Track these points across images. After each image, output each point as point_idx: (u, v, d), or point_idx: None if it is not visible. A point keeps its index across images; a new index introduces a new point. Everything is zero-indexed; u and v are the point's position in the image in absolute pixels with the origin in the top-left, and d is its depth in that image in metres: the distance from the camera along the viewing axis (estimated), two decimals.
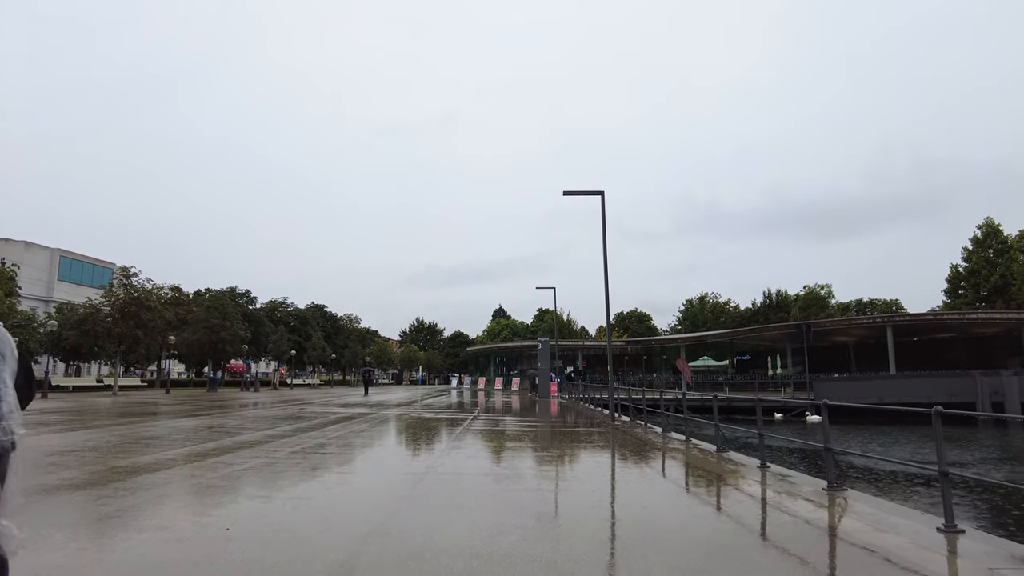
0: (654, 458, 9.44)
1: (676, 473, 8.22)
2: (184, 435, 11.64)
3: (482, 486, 6.69)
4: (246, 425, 14.29)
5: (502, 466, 8.47)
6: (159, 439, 10.95)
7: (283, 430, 12.99)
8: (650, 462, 9.01)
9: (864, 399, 28.14)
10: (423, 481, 6.82)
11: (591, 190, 17.07)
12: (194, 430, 12.73)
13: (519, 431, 14.05)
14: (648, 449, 10.52)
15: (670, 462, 9.03)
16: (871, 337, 39.01)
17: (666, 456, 9.64)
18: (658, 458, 9.45)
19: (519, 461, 8.98)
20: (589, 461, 9.25)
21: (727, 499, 6.36)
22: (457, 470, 7.83)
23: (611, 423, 16.03)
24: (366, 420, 16.19)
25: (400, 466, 8.39)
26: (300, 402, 26.84)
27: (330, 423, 15.22)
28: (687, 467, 8.61)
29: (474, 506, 5.58)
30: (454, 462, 8.48)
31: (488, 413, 20.27)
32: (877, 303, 66.50)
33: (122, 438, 10.97)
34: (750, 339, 43.93)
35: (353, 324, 77.71)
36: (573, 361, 53.98)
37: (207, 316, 39.92)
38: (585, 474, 7.95)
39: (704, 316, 64.95)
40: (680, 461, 9.08)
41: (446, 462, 8.44)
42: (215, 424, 14.43)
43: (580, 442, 11.80)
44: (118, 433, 11.91)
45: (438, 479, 7.00)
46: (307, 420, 16.14)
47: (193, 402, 25.47)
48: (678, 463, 8.92)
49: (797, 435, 26.14)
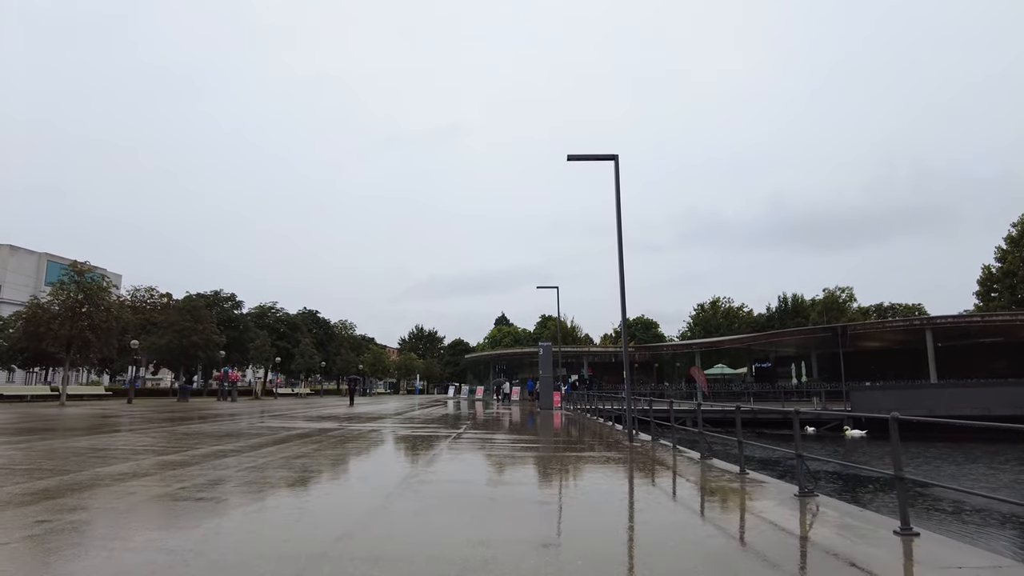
0: (718, 510, 6.11)
1: (773, 544, 4.85)
2: (34, 463, 8.37)
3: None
4: (156, 446, 11.01)
5: (471, 535, 5.14)
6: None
7: (196, 454, 9.72)
8: (721, 522, 5.67)
9: (909, 411, 24.52)
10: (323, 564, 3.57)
11: (602, 154, 13.84)
12: (65, 455, 9.45)
13: (509, 457, 10.71)
14: (702, 492, 7.19)
15: (759, 529, 5.69)
16: (906, 342, 35.53)
17: (745, 511, 6.29)
18: (729, 512, 6.12)
19: (500, 523, 5.66)
20: (614, 523, 5.91)
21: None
22: (391, 535, 4.57)
23: (628, 444, 12.68)
24: (321, 439, 12.89)
25: (305, 528, 5.05)
26: (267, 413, 23.57)
27: (273, 443, 11.95)
28: (805, 545, 5.26)
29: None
30: (391, 525, 5.18)
31: (477, 430, 16.95)
32: (899, 307, 62.87)
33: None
34: (771, 345, 40.48)
35: (348, 331, 74.46)
36: (578, 369, 50.52)
37: (177, 319, 36.69)
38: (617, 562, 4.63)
39: (717, 321, 61.36)
40: (777, 526, 5.73)
41: (378, 525, 5.14)
42: (107, 447, 11.13)
43: (594, 479, 8.46)
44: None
45: (354, 566, 3.72)
46: (247, 438, 12.87)
47: (138, 415, 22.22)
48: (770, 529, 5.58)
49: (842, 453, 22.78)
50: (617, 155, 13.79)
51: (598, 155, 13.88)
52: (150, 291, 41.95)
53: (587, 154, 13.85)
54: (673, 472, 8.66)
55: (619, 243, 13.28)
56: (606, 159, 13.86)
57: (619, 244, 13.29)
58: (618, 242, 13.31)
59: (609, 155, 13.81)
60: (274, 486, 6.95)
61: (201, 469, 8.10)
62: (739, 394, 37.47)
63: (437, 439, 13.35)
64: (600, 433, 15.59)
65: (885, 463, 19.80)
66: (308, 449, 10.87)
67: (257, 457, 9.57)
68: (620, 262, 13.21)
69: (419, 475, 7.91)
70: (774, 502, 6.23)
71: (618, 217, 13.47)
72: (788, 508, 5.98)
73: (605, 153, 13.85)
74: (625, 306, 13.33)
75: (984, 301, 48.15)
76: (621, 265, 13.18)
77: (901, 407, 24.12)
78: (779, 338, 37.55)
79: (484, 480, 7.48)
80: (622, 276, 13.21)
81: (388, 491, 6.63)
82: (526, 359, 52.11)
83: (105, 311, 27.86)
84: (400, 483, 7.16)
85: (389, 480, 7.44)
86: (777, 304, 61.93)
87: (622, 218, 13.46)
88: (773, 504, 6.14)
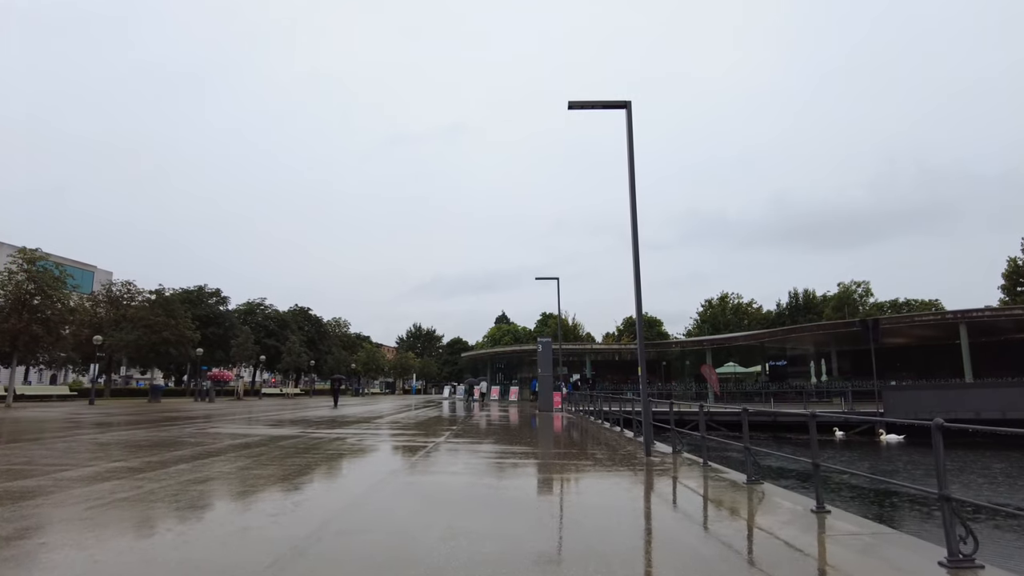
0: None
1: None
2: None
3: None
4: (36, 462, 8.49)
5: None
6: None
7: (70, 476, 7.19)
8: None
9: (953, 413, 22.07)
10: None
11: (612, 101, 11.28)
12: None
13: (489, 482, 8.16)
14: (781, 547, 4.63)
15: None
16: (936, 337, 32.88)
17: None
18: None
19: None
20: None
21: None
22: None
23: (644, 457, 10.14)
24: (262, 453, 10.37)
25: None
26: (232, 417, 21.06)
27: (197, 456, 9.45)
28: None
29: None
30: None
31: (460, 438, 14.43)
32: (915, 303, 60.12)
33: None
34: (787, 342, 37.81)
35: (342, 329, 71.87)
36: (580, 368, 47.93)
37: (146, 314, 34.08)
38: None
39: (726, 318, 58.59)
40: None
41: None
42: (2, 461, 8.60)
43: (605, 521, 5.89)
44: None
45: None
46: (170, 450, 10.38)
47: (80, 419, 19.72)
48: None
49: (878, 462, 20.14)
50: (629, 102, 11.24)
51: (607, 102, 11.32)
52: (127, 285, 39.44)
53: (593, 101, 11.28)
54: (724, 508, 6.10)
55: (632, 203, 10.72)
56: (616, 107, 11.31)
57: (632, 204, 10.72)
58: (631, 202, 10.74)
59: (620, 102, 11.26)
60: (119, 532, 4.40)
61: (49, 499, 5.60)
62: (754, 394, 34.88)
63: (407, 452, 10.83)
64: (608, 442, 13.03)
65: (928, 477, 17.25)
66: (232, 468, 8.34)
67: (153, 480, 7.06)
68: (633, 227, 10.65)
69: (347, 518, 5.36)
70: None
71: (631, 174, 10.90)
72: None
73: (615, 100, 11.29)
74: (640, 283, 10.77)
75: (1010, 295, 45.54)
76: (635, 231, 10.62)
77: (943, 409, 21.38)
78: (798, 334, 34.89)
79: (440, 533, 4.94)
80: (635, 245, 10.66)
81: (284, 551, 4.09)
82: (525, 357, 49.52)
83: (59, 303, 25.32)
84: (311, 535, 4.61)
85: (302, 527, 4.89)
86: (788, 300, 59.23)
87: (635, 176, 10.89)
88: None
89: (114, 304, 38.96)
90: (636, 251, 10.70)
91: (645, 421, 10.51)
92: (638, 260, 10.71)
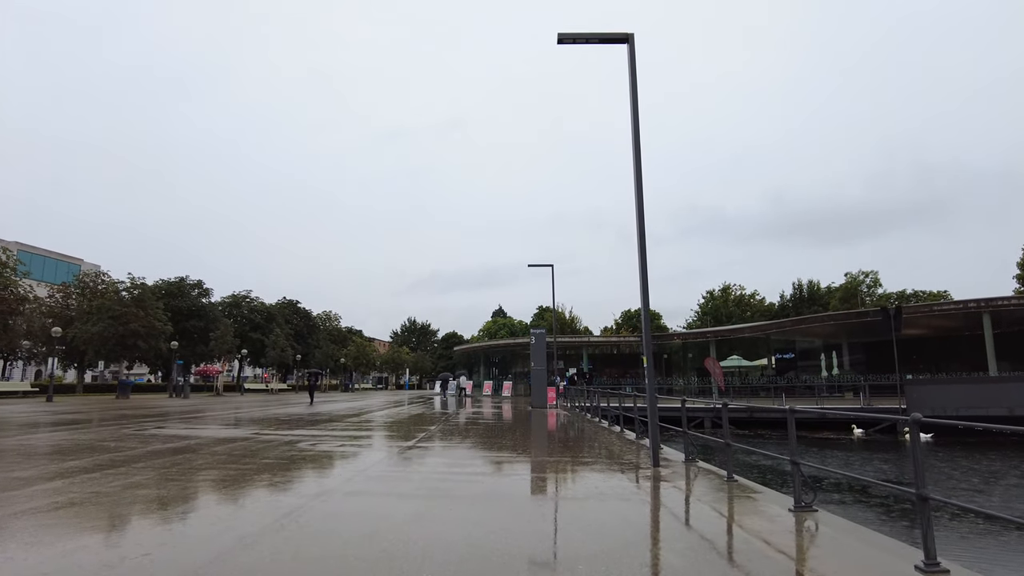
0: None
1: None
2: None
3: None
4: None
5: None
6: None
7: None
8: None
9: (985, 409, 20.19)
10: None
11: (611, 34, 9.22)
12: None
13: (455, 496, 6.18)
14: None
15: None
16: (956, 328, 30.93)
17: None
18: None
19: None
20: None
21: None
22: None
23: (651, 467, 8.18)
24: (194, 459, 8.42)
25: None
26: (191, 415, 19.08)
27: (110, 465, 7.63)
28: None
29: None
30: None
31: (436, 440, 12.48)
32: (922, 295, 58.24)
33: None
34: (795, 333, 35.85)
35: (332, 323, 69.77)
36: (576, 362, 45.99)
37: (112, 304, 31.91)
38: None
39: (728, 310, 56.54)
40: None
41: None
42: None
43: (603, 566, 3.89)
44: None
45: None
46: (87, 455, 8.50)
47: (18, 419, 17.76)
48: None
49: (899, 462, 18.25)
50: (631, 35, 9.20)
51: (604, 35, 9.27)
52: (98, 276, 37.23)
53: (588, 34, 9.23)
54: (776, 553, 4.11)
55: (636, 155, 8.70)
56: (615, 41, 9.26)
57: (636, 157, 8.71)
58: (634, 155, 8.72)
59: (620, 35, 9.22)
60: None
61: None
62: (760, 388, 32.95)
63: (359, 460, 8.85)
64: (607, 446, 11.06)
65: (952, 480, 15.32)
66: (122, 483, 6.39)
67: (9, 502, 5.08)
68: (638, 183, 8.63)
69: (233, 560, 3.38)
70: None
71: (634, 116, 8.87)
72: None
73: (613, 33, 9.25)
74: (645, 255, 8.78)
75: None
76: (639, 184, 8.60)
77: (973, 405, 19.44)
78: (807, 324, 32.92)
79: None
80: (640, 206, 8.64)
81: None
82: (520, 351, 47.54)
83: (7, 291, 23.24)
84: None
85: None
86: (792, 291, 57.24)
87: (639, 123, 8.87)
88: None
89: (86, 295, 36.88)
90: (641, 212, 8.69)
91: (652, 424, 8.51)
92: (643, 226, 8.70)
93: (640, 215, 8.57)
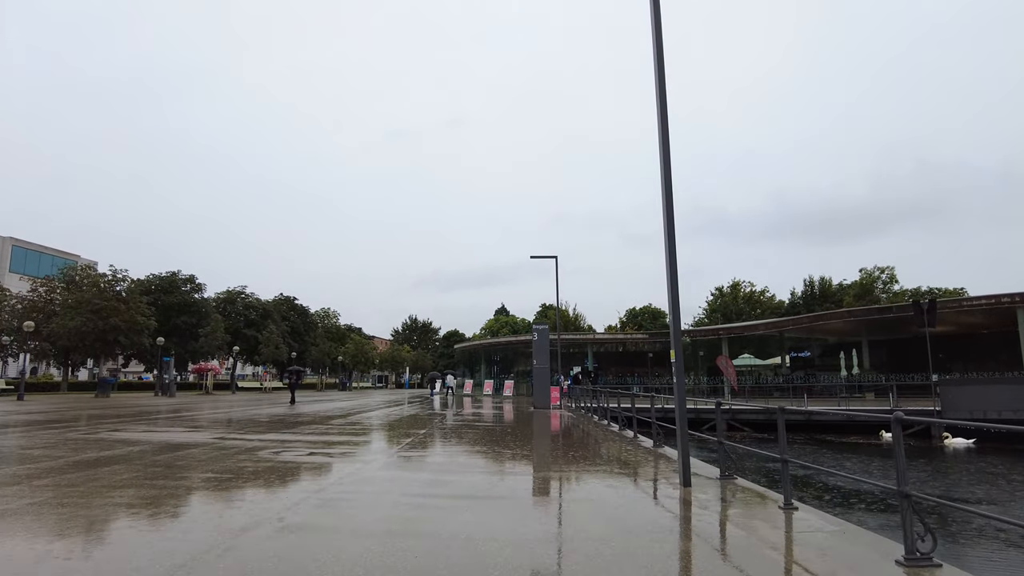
0: None
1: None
2: None
3: None
4: None
5: None
6: None
7: None
8: None
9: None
10: None
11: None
12: None
13: (415, 566, 4.53)
14: None
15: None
16: (986, 325, 29.15)
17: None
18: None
19: None
20: None
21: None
22: None
23: (680, 488, 6.54)
24: (127, 470, 6.81)
25: None
26: (160, 417, 17.57)
27: (26, 479, 5.93)
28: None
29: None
30: None
31: (422, 448, 10.87)
32: (938, 291, 56.37)
33: None
34: (812, 330, 34.01)
35: (330, 320, 68.21)
36: (581, 360, 44.31)
37: (91, 297, 30.32)
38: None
39: (738, 307, 54.69)
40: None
41: None
42: None
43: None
44: None
45: None
46: (11, 464, 6.88)
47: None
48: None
49: (941, 469, 16.61)
50: None
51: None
52: (84, 269, 35.70)
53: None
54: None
55: (660, 106, 7.05)
56: None
57: (660, 110, 7.06)
58: (659, 109, 7.07)
59: None
60: None
61: None
62: (775, 388, 31.22)
63: (324, 474, 7.23)
64: (620, 458, 9.41)
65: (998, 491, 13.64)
66: (15, 505, 4.76)
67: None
68: (664, 144, 6.98)
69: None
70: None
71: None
72: None
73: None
74: (674, 234, 7.16)
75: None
76: (666, 154, 6.96)
77: (1019, 407, 17.80)
78: (825, 321, 31.12)
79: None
80: (667, 181, 7.00)
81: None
82: (522, 349, 45.87)
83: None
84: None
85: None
86: (803, 288, 55.37)
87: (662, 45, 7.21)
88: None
89: (71, 289, 35.38)
90: (668, 189, 7.05)
91: (681, 433, 6.84)
92: (671, 206, 7.07)
93: (667, 190, 6.93)
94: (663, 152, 7.02)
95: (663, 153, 7.02)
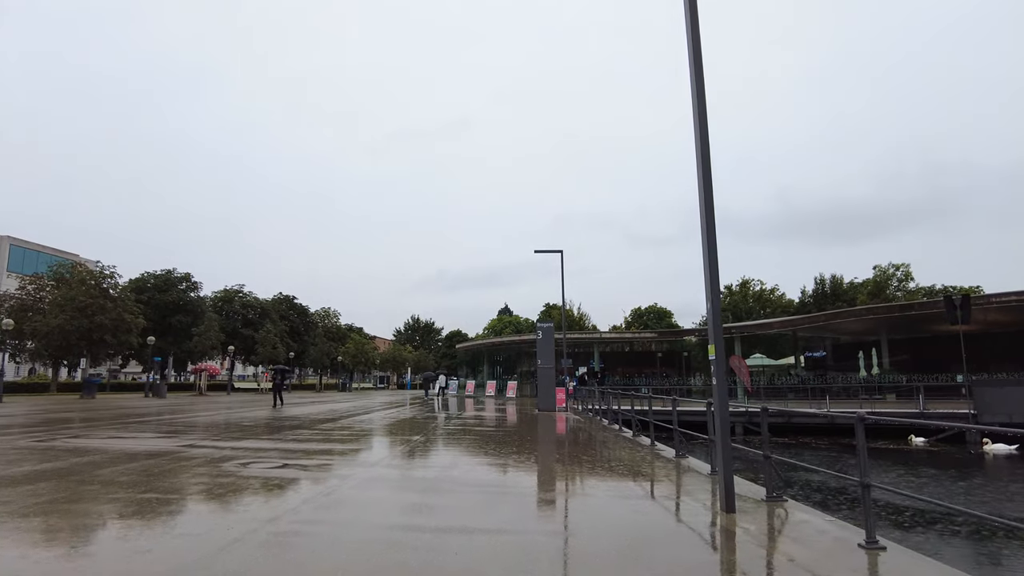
0: None
1: None
2: None
3: None
4: None
5: None
6: None
7: None
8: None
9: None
10: None
11: None
12: None
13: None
14: None
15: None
16: (1009, 324, 27.71)
17: None
18: None
19: None
20: None
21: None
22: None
23: (723, 514, 5.27)
24: (45, 490, 5.55)
25: None
26: (139, 420, 16.34)
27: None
28: None
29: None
30: None
31: (416, 457, 9.62)
32: (952, 289, 54.88)
33: None
34: (828, 328, 32.63)
35: (331, 319, 67.05)
36: (587, 360, 43.01)
37: (76, 294, 29.16)
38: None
39: (747, 305, 53.28)
40: None
41: None
42: None
43: None
44: None
45: None
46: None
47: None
48: None
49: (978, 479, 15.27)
50: None
51: None
52: (75, 267, 34.60)
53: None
54: None
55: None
56: None
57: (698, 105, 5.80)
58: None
59: None
60: None
61: None
62: (789, 389, 29.90)
63: (291, 492, 5.96)
64: (638, 470, 8.12)
65: None
66: None
67: None
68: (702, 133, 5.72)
69: None
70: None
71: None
72: None
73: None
74: (713, 215, 5.92)
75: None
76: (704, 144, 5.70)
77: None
78: (843, 319, 29.76)
79: None
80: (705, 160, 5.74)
81: None
82: (525, 348, 44.61)
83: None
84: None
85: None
86: (814, 287, 53.91)
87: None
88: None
89: (61, 287, 34.27)
90: (705, 141, 5.77)
91: (722, 446, 5.55)
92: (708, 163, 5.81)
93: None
94: (701, 143, 5.79)
95: (701, 144, 5.79)
